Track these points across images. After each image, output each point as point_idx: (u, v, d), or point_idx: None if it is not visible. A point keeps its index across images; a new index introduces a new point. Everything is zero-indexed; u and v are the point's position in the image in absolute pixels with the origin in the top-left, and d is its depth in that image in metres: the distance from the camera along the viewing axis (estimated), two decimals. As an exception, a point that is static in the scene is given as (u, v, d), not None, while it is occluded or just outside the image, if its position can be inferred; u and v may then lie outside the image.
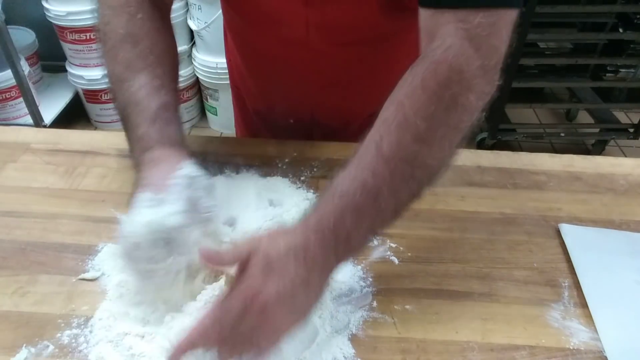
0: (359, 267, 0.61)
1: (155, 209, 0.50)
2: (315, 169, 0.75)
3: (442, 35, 0.51)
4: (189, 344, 0.44)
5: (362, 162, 0.50)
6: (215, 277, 0.55)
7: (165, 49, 0.64)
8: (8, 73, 2.07)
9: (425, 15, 0.54)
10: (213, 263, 0.49)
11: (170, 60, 0.65)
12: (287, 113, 0.87)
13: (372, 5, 0.65)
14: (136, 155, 0.57)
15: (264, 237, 0.48)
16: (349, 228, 0.48)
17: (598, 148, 2.44)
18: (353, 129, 0.88)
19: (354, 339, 0.53)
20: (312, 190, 0.71)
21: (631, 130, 2.34)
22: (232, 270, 0.49)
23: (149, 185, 0.52)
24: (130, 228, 0.50)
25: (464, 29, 0.50)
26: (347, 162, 0.51)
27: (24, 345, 0.52)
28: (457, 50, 0.50)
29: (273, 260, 0.46)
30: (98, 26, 0.63)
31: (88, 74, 2.30)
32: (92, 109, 2.45)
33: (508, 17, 0.51)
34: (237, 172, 0.74)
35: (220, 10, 0.87)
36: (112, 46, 0.61)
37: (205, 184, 0.55)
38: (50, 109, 2.33)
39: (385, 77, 0.57)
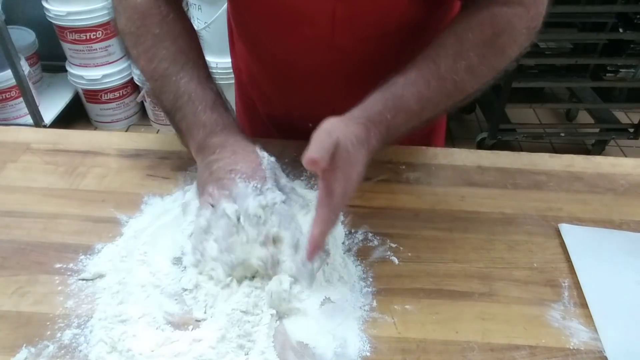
0: (359, 267, 0.61)
1: (266, 196, 0.57)
2: (315, 169, 0.75)
3: None
4: (322, 238, 0.54)
5: (420, 72, 0.60)
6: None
7: (198, 44, 0.70)
8: (8, 73, 2.07)
9: None
10: (316, 170, 0.53)
11: (203, 54, 0.70)
12: (307, 117, 0.85)
13: None
14: (199, 139, 0.62)
15: (337, 129, 0.54)
16: (398, 125, 0.59)
17: (598, 148, 2.44)
18: None
19: (353, 339, 0.53)
20: (311, 190, 0.71)
21: (631, 130, 2.34)
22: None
23: (244, 173, 0.59)
24: (253, 208, 0.56)
25: None
26: (404, 67, 0.60)
27: (24, 345, 0.51)
28: (512, 10, 0.60)
29: (351, 153, 0.54)
30: (127, 29, 0.66)
31: (88, 74, 2.30)
32: (92, 109, 2.46)
33: None
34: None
35: (221, 10, 0.86)
36: (150, 46, 0.65)
37: (278, 168, 0.64)
38: (50, 109, 2.33)
39: None
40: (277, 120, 0.90)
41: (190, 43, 0.67)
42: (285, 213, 0.58)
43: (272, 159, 0.63)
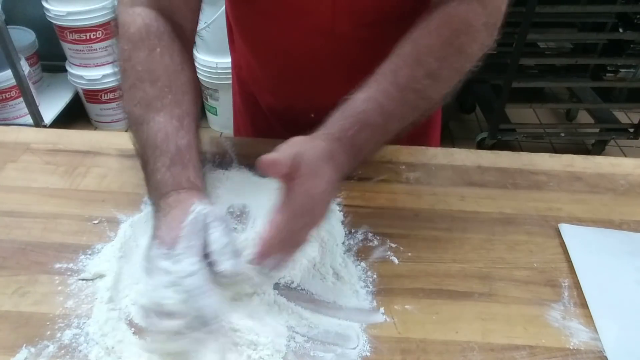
0: (359, 267, 0.61)
1: (172, 267, 0.48)
2: (315, 169, 0.75)
3: None
4: (269, 247, 0.49)
5: (380, 86, 0.58)
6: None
7: (184, 84, 0.62)
8: (8, 73, 2.07)
9: None
10: (273, 172, 0.51)
11: (189, 97, 0.62)
12: (309, 109, 0.84)
13: None
14: (155, 202, 0.57)
15: (301, 143, 0.53)
16: (363, 141, 0.57)
17: (598, 148, 2.44)
18: None
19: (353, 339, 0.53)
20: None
21: (631, 130, 2.34)
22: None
23: (160, 239, 0.51)
24: (155, 293, 0.47)
25: None
26: (364, 83, 0.58)
27: (24, 345, 0.52)
28: (468, 7, 0.60)
29: (316, 165, 0.52)
30: (118, 62, 0.62)
31: (88, 74, 2.30)
32: (92, 109, 2.46)
33: None
34: (237, 171, 0.74)
35: (222, 10, 0.86)
36: (131, 85, 0.60)
37: (218, 218, 0.52)
38: (50, 109, 2.33)
39: None
40: (279, 114, 0.90)
41: (172, 84, 0.61)
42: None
43: (207, 212, 0.52)
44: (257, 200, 0.68)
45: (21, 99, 2.14)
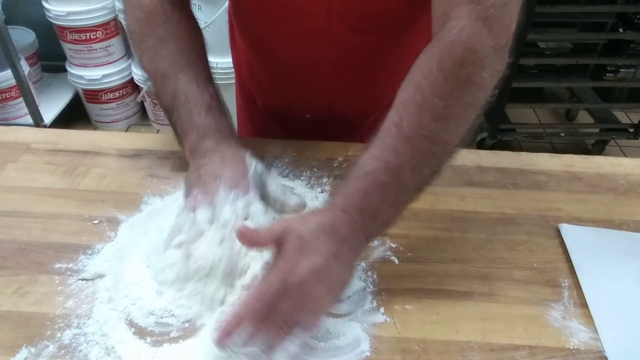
0: (359, 267, 0.61)
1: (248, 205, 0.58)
2: (315, 169, 0.75)
3: (456, 17, 0.53)
4: (234, 323, 0.46)
5: (384, 141, 0.53)
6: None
7: (201, 45, 0.70)
8: (8, 73, 2.07)
9: None
10: (249, 242, 0.51)
11: (206, 56, 0.70)
12: (304, 109, 0.87)
13: None
14: (191, 141, 0.63)
15: (295, 219, 0.52)
16: (375, 205, 0.52)
17: (598, 148, 2.44)
18: (370, 122, 0.87)
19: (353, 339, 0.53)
20: (311, 189, 0.71)
21: (631, 130, 2.34)
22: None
23: (228, 181, 0.59)
24: (227, 215, 0.56)
25: (478, 9, 0.52)
26: (369, 143, 0.54)
27: (24, 345, 0.52)
28: (471, 30, 0.52)
29: (305, 239, 0.48)
30: (133, 28, 0.68)
31: (88, 74, 2.30)
32: (92, 109, 2.45)
33: None
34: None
35: (222, 10, 0.86)
36: (153, 45, 0.66)
37: (269, 175, 0.65)
38: (50, 109, 2.33)
39: (405, 62, 0.58)
40: (275, 113, 0.91)
41: (193, 43, 0.68)
42: (262, 225, 0.56)
43: (260, 166, 0.63)
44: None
45: (21, 99, 2.14)
